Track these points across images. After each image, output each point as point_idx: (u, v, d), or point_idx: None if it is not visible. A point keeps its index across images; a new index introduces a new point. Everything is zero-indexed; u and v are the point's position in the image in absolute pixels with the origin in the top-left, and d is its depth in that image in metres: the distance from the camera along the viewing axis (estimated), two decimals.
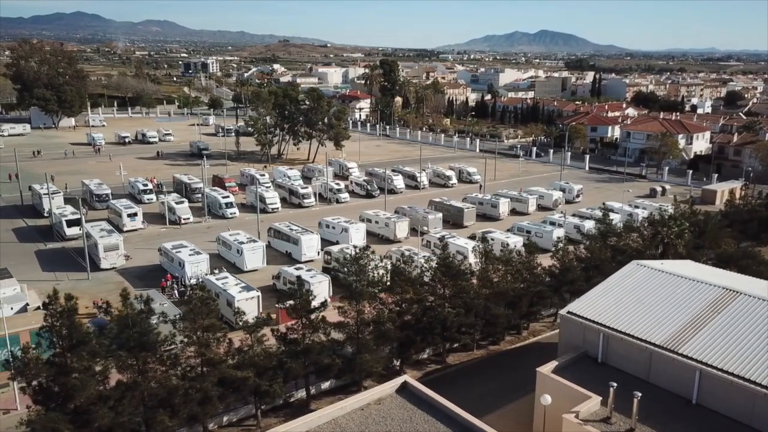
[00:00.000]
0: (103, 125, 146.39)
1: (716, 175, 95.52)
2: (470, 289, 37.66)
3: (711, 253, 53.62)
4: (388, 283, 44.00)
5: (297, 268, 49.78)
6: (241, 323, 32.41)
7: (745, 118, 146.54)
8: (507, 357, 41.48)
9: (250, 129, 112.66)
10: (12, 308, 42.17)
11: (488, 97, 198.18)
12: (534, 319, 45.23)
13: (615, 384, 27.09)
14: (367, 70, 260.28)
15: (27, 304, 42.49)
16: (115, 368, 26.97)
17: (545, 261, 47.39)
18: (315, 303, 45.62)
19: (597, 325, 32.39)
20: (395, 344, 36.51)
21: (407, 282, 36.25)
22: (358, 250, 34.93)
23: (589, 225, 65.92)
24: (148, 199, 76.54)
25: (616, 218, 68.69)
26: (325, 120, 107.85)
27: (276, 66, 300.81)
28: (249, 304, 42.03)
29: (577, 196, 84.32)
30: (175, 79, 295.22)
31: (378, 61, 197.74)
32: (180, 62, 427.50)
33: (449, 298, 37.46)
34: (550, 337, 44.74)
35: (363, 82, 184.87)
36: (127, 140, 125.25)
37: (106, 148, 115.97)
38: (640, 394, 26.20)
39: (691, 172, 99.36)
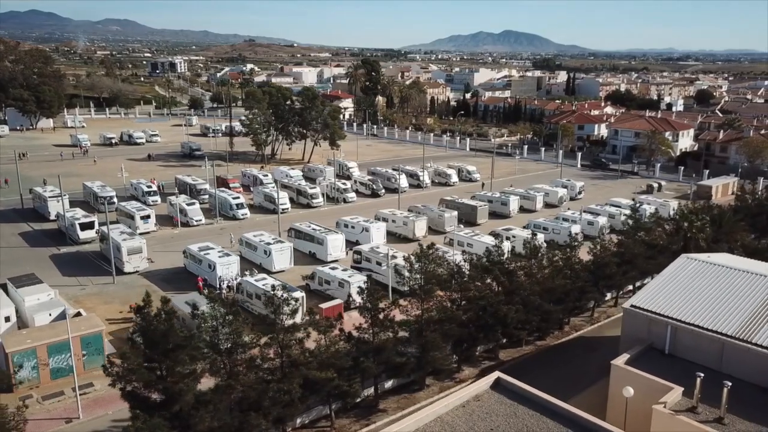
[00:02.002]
0: (83, 126, 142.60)
1: (707, 171, 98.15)
2: (527, 286, 37.99)
3: (726, 245, 55.16)
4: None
5: (332, 268, 49.51)
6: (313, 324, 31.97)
7: (721, 115, 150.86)
8: (556, 351, 41.98)
9: (242, 129, 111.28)
10: (50, 314, 40.95)
11: (469, 96, 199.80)
12: (575, 313, 45.82)
13: (702, 374, 27.69)
14: (342, 70, 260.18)
15: (65, 310, 41.10)
16: (208, 372, 26.48)
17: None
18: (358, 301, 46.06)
19: (664, 317, 33.04)
20: (451, 342, 36.61)
21: (469, 280, 36.34)
22: (424, 248, 34.82)
23: (602, 221, 67.36)
24: (153, 201, 74.87)
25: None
26: (320, 120, 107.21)
27: (250, 65, 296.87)
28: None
29: (579, 192, 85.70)
30: (142, 79, 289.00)
31: (360, 60, 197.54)
32: (144, 62, 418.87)
33: (506, 295, 37.69)
34: (591, 331, 45.52)
35: (347, 81, 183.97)
36: (113, 141, 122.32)
37: (92, 150, 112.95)
38: (730, 384, 26.82)
39: (682, 168, 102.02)
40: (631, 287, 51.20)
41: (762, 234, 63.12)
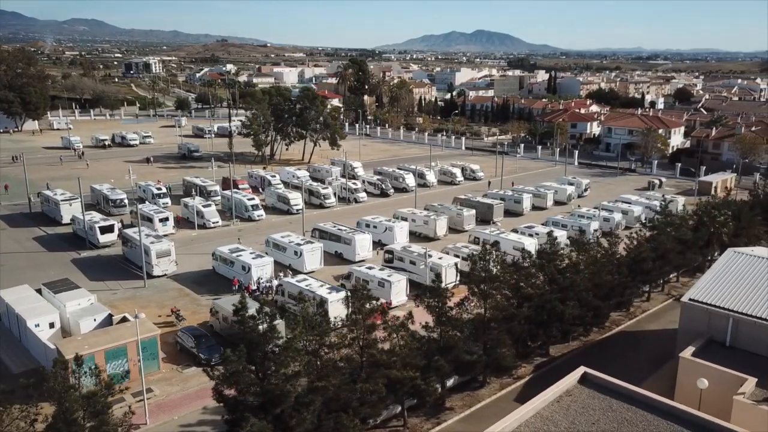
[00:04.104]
0: (70, 128, 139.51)
1: (704, 168, 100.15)
2: (580, 282, 38.44)
3: (744, 240, 56.52)
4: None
5: (369, 268, 49.35)
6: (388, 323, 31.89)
7: (705, 113, 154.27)
8: (602, 346, 42.48)
9: (237, 129, 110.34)
10: (95, 320, 40.10)
11: (455, 95, 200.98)
12: (614, 309, 46.42)
13: None
14: (324, 70, 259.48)
15: (111, 315, 40.37)
16: (303, 373, 26.28)
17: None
18: (395, 302, 46.17)
19: (725, 310, 33.77)
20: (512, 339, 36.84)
21: (527, 278, 36.65)
22: (487, 247, 34.99)
23: (617, 218, 68.40)
24: (163, 204, 73.61)
25: (637, 210, 71.57)
26: (320, 120, 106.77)
27: (230, 66, 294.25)
28: (340, 305, 41.28)
29: (586, 190, 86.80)
30: (116, 80, 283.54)
31: (349, 60, 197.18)
32: (116, 62, 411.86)
33: (560, 292, 38.08)
34: (631, 326, 46.18)
35: (336, 81, 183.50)
36: (106, 143, 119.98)
37: (85, 153, 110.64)
38: None
39: (679, 165, 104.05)
40: (660, 281, 52.16)
41: None
